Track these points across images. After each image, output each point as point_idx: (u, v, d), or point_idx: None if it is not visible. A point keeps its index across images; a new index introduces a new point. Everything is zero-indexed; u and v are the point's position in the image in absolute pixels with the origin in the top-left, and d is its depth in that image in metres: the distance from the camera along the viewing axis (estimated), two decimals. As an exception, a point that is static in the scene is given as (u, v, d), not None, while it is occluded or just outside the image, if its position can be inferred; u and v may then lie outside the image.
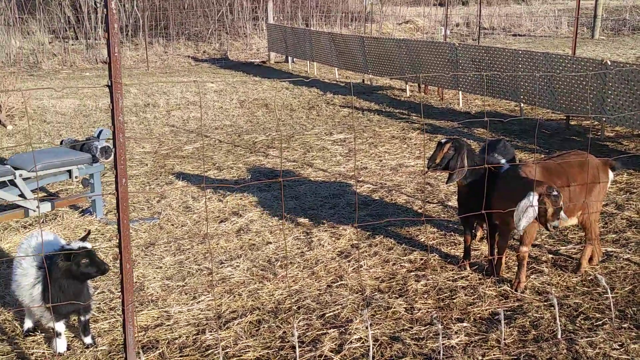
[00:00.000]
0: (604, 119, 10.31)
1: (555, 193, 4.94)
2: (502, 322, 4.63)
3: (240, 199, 7.96)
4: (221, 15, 26.98)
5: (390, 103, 14.16)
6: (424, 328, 4.89)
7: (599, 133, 10.75)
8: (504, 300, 5.30)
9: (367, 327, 4.66)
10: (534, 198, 4.90)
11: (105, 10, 3.46)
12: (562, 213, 4.95)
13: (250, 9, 27.26)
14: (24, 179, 6.80)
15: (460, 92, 13.54)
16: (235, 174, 9.10)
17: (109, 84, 3.54)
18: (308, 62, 19.74)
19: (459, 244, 6.42)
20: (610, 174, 5.68)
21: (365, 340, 4.66)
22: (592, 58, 10.57)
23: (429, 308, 5.20)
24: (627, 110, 9.54)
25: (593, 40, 25.66)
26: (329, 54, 17.76)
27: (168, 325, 5.02)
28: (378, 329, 4.89)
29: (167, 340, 4.79)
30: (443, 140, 5.69)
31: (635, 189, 7.94)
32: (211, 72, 20.62)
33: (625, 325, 4.84)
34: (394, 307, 5.21)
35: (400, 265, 6.00)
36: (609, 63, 9.87)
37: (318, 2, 28.54)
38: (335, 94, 15.37)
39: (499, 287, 5.50)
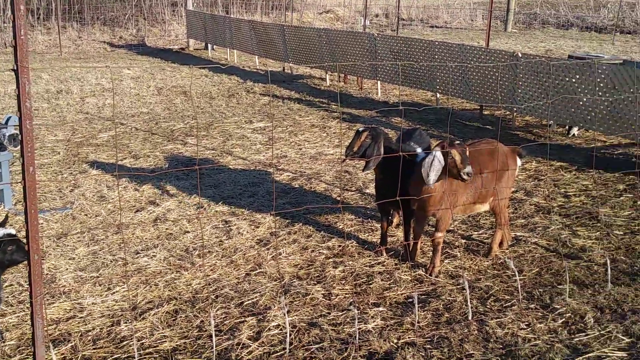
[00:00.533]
0: (514, 109, 10.70)
1: (457, 142, 5.17)
2: (416, 305, 4.75)
3: (158, 187, 7.81)
4: (138, 0, 26.29)
5: (311, 92, 14.20)
6: (341, 313, 4.95)
7: (511, 122, 11.14)
8: (419, 285, 5.43)
9: (284, 314, 4.68)
10: (437, 153, 5.08)
11: (9, -10, 3.31)
12: (469, 167, 5.09)
13: (168, -6, 26.69)
14: None
15: (378, 82, 13.73)
16: (152, 163, 8.92)
17: (15, 68, 3.39)
18: (228, 49, 19.54)
19: (376, 231, 6.53)
20: (518, 161, 5.91)
21: (283, 327, 4.68)
22: (505, 50, 10.94)
23: (346, 294, 5.27)
24: (536, 100, 9.93)
25: (506, 33, 26.54)
26: (250, 42, 17.63)
27: (81, 317, 4.89)
28: (296, 315, 4.92)
29: (79, 333, 4.66)
30: (361, 129, 5.77)
31: (543, 176, 8.29)
32: (128, 58, 20.09)
33: (532, 305, 5.05)
34: (312, 294, 5.25)
35: (319, 252, 6.06)
36: (520, 55, 10.23)
37: (238, -11, 28.23)
38: (256, 82, 15.29)
39: (414, 272, 5.64)
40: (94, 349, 4.48)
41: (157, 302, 5.12)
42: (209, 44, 21.01)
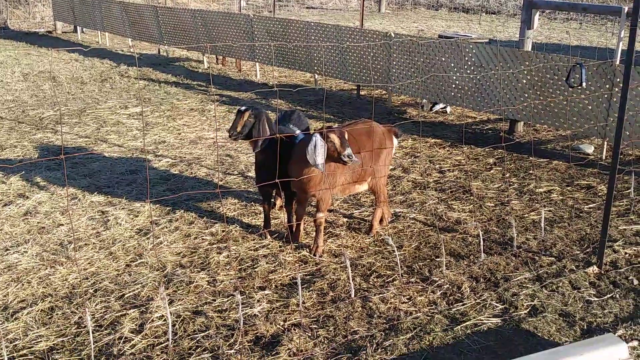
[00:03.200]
0: (389, 88, 10.97)
1: (335, 126, 5.27)
2: (300, 286, 4.79)
3: (27, 179, 7.38)
4: (-3, -21, 24.57)
5: (188, 75, 13.89)
6: (226, 300, 4.90)
7: (387, 102, 11.42)
8: (304, 265, 5.48)
9: (171, 302, 4.57)
10: (316, 137, 5.12)
11: None
12: (349, 149, 5.16)
13: (31, -27, 25.13)
14: None
15: (257, 64, 13.64)
16: (20, 153, 8.41)
17: None
18: (99, 32, 18.71)
19: (260, 214, 6.51)
20: (395, 141, 6.06)
21: (166, 317, 4.56)
22: (379, 30, 11.16)
23: (231, 279, 5.22)
24: (409, 79, 10.23)
25: (380, 14, 27.15)
26: (122, 24, 16.95)
27: (-55, 322, 4.54)
28: (180, 304, 4.82)
29: (-56, 340, 4.33)
30: (242, 109, 5.67)
31: (419, 153, 8.58)
32: (-12, 42, 18.77)
33: (412, 279, 5.23)
34: (196, 282, 5.16)
35: (202, 239, 5.96)
36: (393, 35, 10.48)
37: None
38: (130, 65, 14.75)
39: (298, 253, 5.67)
40: (-39, 355, 4.19)
41: (30, 301, 4.85)
42: (77, 27, 20.02)
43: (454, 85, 9.62)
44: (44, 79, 13.34)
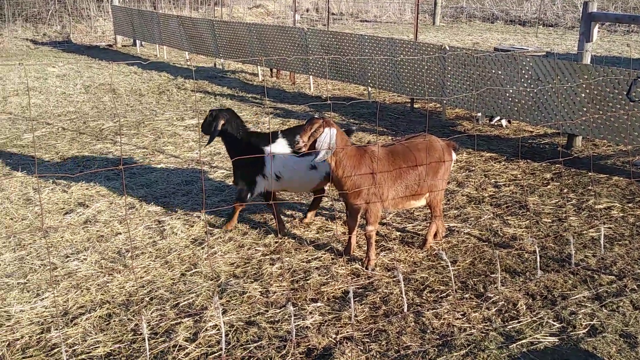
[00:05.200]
0: (444, 101, 10.89)
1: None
2: (352, 299, 4.77)
3: (87, 189, 7.59)
4: (62, -5, 25.47)
5: (243, 87, 14.08)
6: (279, 311, 4.93)
7: (441, 115, 11.33)
8: (356, 279, 5.46)
9: (219, 314, 4.62)
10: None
11: None
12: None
13: (93, -11, 25.97)
14: None
15: (310, 77, 13.73)
16: (80, 163, 8.66)
17: None
18: (157, 45, 19.15)
19: (312, 226, 6.52)
20: (454, 155, 6.01)
21: (220, 327, 4.61)
22: (433, 43, 11.11)
23: (283, 290, 5.25)
24: (464, 92, 10.14)
25: (434, 26, 27.02)
26: (179, 38, 17.33)
27: (8, 325, 4.69)
28: (234, 314, 4.86)
29: (7, 342, 4.48)
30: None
31: (474, 167, 8.47)
32: (53, 55, 19.43)
33: (466, 295, 5.15)
34: (249, 292, 5.20)
35: (255, 250, 6.01)
36: (448, 48, 10.41)
37: (166, -16, 27.74)
38: (187, 78, 15.05)
39: (350, 266, 5.66)
40: (23, 358, 4.32)
41: (89, 307, 4.98)
42: (137, 41, 20.55)
43: (510, 99, 9.48)
44: (104, 91, 13.73)
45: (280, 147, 6.25)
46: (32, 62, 17.92)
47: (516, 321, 4.76)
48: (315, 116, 5.40)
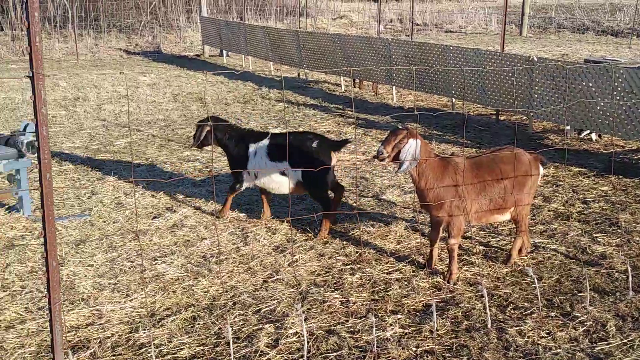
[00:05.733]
0: (531, 114, 10.63)
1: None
2: (434, 313, 4.72)
3: (174, 194, 7.83)
4: (154, 7, 26.47)
5: (325, 97, 14.20)
6: (359, 321, 4.93)
7: (527, 128, 11.07)
8: (437, 292, 5.39)
9: (302, 322, 4.66)
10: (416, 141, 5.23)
11: (28, -1, 3.33)
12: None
13: (183, 1, 26.85)
14: (-56, 176, 6.51)
15: (393, 87, 13.70)
16: (168, 169, 8.95)
17: (30, 75, 3.41)
18: (243, 56, 19.60)
19: (393, 237, 6.50)
20: (541, 169, 5.85)
21: (301, 334, 4.66)
22: (520, 54, 10.87)
23: (364, 301, 5.24)
24: (552, 105, 9.86)
25: (521, 37, 26.44)
26: (264, 48, 17.67)
27: (100, 324, 4.90)
28: (314, 322, 4.90)
29: (98, 340, 4.67)
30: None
31: (562, 181, 8.22)
32: (144, 65, 20.21)
33: (552, 313, 5.00)
34: (330, 301, 5.23)
35: (336, 259, 6.03)
36: (536, 59, 10.17)
37: (253, -5, 28.38)
38: (271, 88, 15.31)
39: (432, 279, 5.60)
40: (113, 355, 4.49)
41: (175, 309, 5.13)
42: (223, 51, 21.10)
43: (601, 112, 9.16)
44: (192, 99, 14.15)
45: (261, 146, 6.72)
46: (125, 70, 18.69)
47: (605, 343, 4.58)
48: (399, 127, 5.40)
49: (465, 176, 5.39)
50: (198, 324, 4.91)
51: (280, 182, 6.65)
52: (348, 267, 5.88)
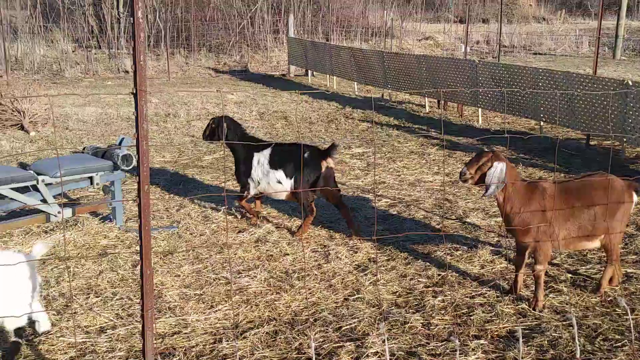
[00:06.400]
0: (624, 140, 10.25)
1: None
2: (520, 340, 4.60)
3: (261, 208, 7.98)
4: (242, 27, 27.20)
5: (409, 118, 14.17)
6: (440, 344, 4.86)
7: (620, 153, 10.68)
8: (522, 319, 5.26)
9: (383, 341, 4.65)
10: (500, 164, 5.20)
11: (132, 19, 3.52)
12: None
13: (271, 22, 27.47)
14: (46, 185, 6.88)
15: (479, 109, 13.52)
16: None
17: (134, 92, 3.58)
18: (328, 75, 19.83)
19: (477, 261, 6.39)
20: (635, 197, 5.64)
21: (381, 354, 4.65)
22: (614, 78, 10.52)
23: (446, 324, 5.18)
24: (648, 131, 9.48)
25: (614, 60, 25.56)
26: (349, 68, 17.83)
27: (185, 333, 5.04)
28: (395, 343, 4.87)
29: (184, 348, 4.81)
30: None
31: (656, 210, 7.88)
32: (231, 83, 20.77)
33: (645, 347, 4.79)
34: (411, 322, 5.19)
35: (418, 281, 5.99)
36: (630, 83, 9.82)
37: (338, 17, 28.69)
38: (355, 108, 15.41)
39: (517, 305, 5.47)
40: (197, 365, 4.61)
41: (257, 322, 5.21)
42: (309, 71, 21.41)
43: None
44: (276, 118, 14.42)
45: (264, 156, 7.28)
46: (214, 88, 19.25)
47: None
48: (485, 149, 5.34)
49: (552, 201, 5.27)
50: (280, 338, 4.97)
51: (278, 188, 7.24)
52: (430, 289, 5.82)
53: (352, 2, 30.65)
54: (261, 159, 7.27)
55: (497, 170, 5.14)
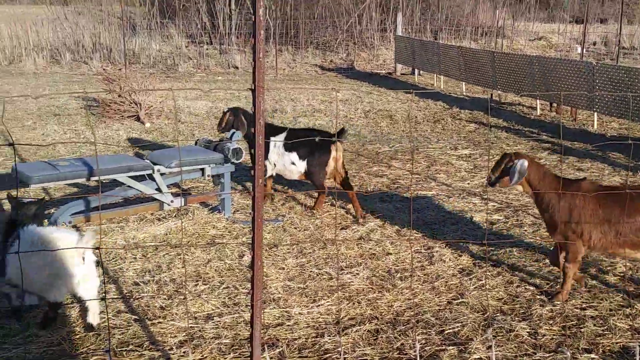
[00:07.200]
0: None
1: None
2: (638, 358, 4.38)
3: (362, 208, 7.99)
4: (350, 25, 27.31)
5: (519, 120, 13.76)
6: (548, 355, 4.70)
7: None
8: (638, 335, 5.00)
9: (488, 348, 4.55)
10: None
11: (253, 17, 3.60)
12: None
13: (379, 20, 27.41)
14: (161, 174, 7.19)
15: (595, 114, 12.94)
16: (357, 183, 9.16)
17: (252, 88, 3.67)
18: (435, 75, 19.57)
19: (587, 271, 6.13)
20: None
21: (485, 361, 4.55)
22: None
23: (554, 335, 5.00)
24: None
25: None
26: (457, 68, 17.52)
27: (288, 325, 5.13)
28: (499, 351, 4.75)
29: (287, 340, 4.90)
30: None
31: None
32: (337, 81, 20.91)
33: None
34: (517, 330, 5.04)
35: (525, 288, 5.81)
36: None
37: (448, 15, 28.25)
38: (462, 108, 15.14)
39: (632, 320, 5.20)
40: (300, 357, 4.68)
41: (359, 319, 5.23)
42: (415, 69, 21.21)
43: None
44: (382, 116, 14.38)
45: (280, 140, 7.74)
46: (320, 86, 19.46)
47: None
48: (507, 152, 5.83)
49: (584, 200, 5.31)
50: (381, 337, 4.97)
51: (291, 169, 7.81)
52: (538, 298, 5.63)
53: (462, 0, 30.09)
54: (277, 142, 7.76)
55: (518, 165, 5.46)
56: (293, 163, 7.79)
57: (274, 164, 7.89)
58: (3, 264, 4.96)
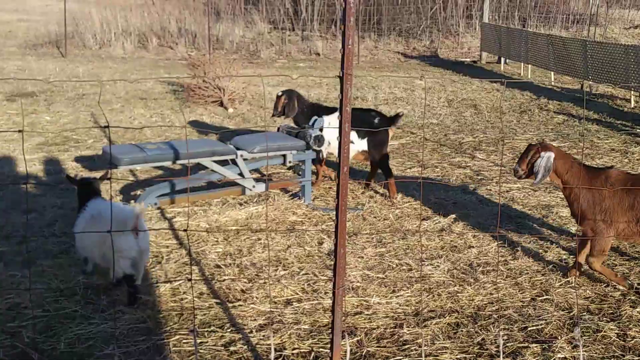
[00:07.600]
0: None
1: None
2: None
3: (444, 199, 7.88)
4: (434, 12, 26.87)
5: (612, 113, 13.19)
6: (637, 358, 4.50)
7: None
8: None
9: (574, 347, 4.39)
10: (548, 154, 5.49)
11: (344, 3, 3.57)
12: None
13: (464, 6, 26.85)
14: (244, 159, 7.29)
15: (694, 107, 12.25)
16: (439, 173, 9.03)
17: (341, 75, 3.64)
18: (522, 64, 19.01)
19: (685, 274, 5.82)
20: None
21: (570, 361, 4.39)
22: None
23: (645, 338, 4.77)
24: None
25: None
26: (545, 57, 16.95)
27: (367, 314, 5.11)
28: (585, 351, 4.58)
29: (365, 329, 4.88)
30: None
31: None
32: (420, 69, 20.64)
33: None
34: (604, 331, 4.85)
35: (614, 288, 5.57)
36: None
37: (537, 2, 27.34)
38: (550, 99, 14.65)
39: None
40: (377, 347, 4.66)
41: (439, 312, 5.15)
42: (501, 58, 20.67)
43: None
44: (466, 106, 14.10)
45: (334, 118, 7.58)
46: (401, 74, 19.27)
47: None
48: (532, 143, 5.94)
49: (613, 190, 5.23)
50: (461, 330, 4.88)
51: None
52: (628, 298, 5.39)
53: (553, -13, 29.03)
54: (332, 121, 7.65)
55: (544, 159, 5.44)
56: (351, 142, 7.72)
57: (329, 142, 7.83)
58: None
